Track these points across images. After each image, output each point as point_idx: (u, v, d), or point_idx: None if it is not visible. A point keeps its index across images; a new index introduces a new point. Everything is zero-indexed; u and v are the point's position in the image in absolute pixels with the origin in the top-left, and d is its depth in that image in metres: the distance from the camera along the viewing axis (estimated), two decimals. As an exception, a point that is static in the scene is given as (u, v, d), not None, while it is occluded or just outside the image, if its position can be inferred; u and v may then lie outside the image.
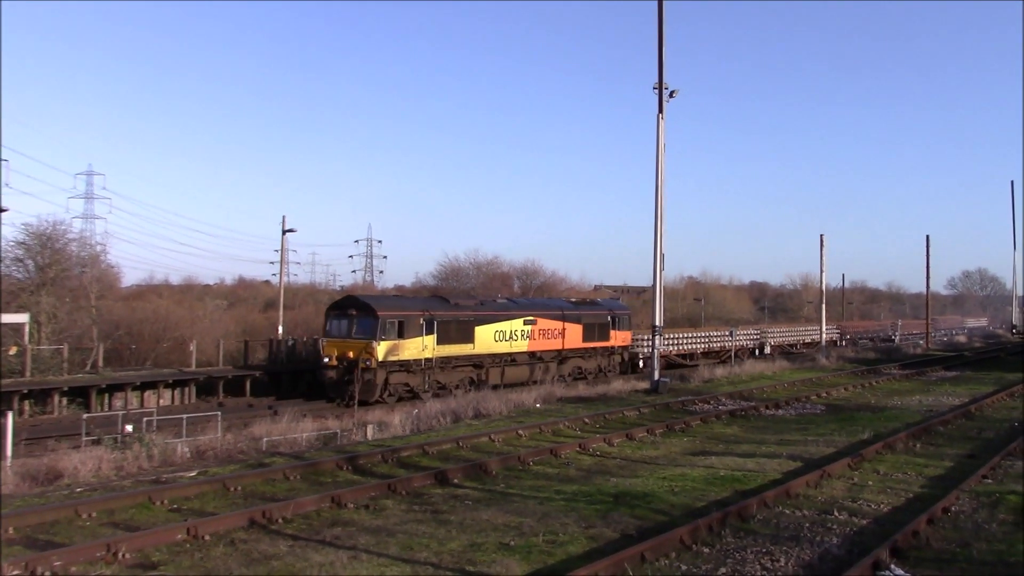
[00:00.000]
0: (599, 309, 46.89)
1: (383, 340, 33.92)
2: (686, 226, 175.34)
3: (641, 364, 47.14)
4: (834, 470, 15.85)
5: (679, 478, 15.58)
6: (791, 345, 65.28)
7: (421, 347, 34.71)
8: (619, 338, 46.91)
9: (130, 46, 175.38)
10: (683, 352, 53.44)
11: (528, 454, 17.53)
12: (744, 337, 60.00)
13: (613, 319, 46.42)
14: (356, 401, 30.75)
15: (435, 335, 35.35)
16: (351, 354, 34.04)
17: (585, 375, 43.08)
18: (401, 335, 34.45)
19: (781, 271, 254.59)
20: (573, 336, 42.96)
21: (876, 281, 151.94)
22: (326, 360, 34.89)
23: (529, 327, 40.13)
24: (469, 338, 37.06)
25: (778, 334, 65.46)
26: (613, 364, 46.24)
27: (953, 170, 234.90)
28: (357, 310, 35.24)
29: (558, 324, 42.27)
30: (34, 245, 44.22)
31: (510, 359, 39.45)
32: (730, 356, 51.10)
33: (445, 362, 35.91)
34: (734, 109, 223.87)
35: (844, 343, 71.24)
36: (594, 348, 44.69)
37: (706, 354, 54.54)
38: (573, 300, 49.93)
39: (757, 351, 59.56)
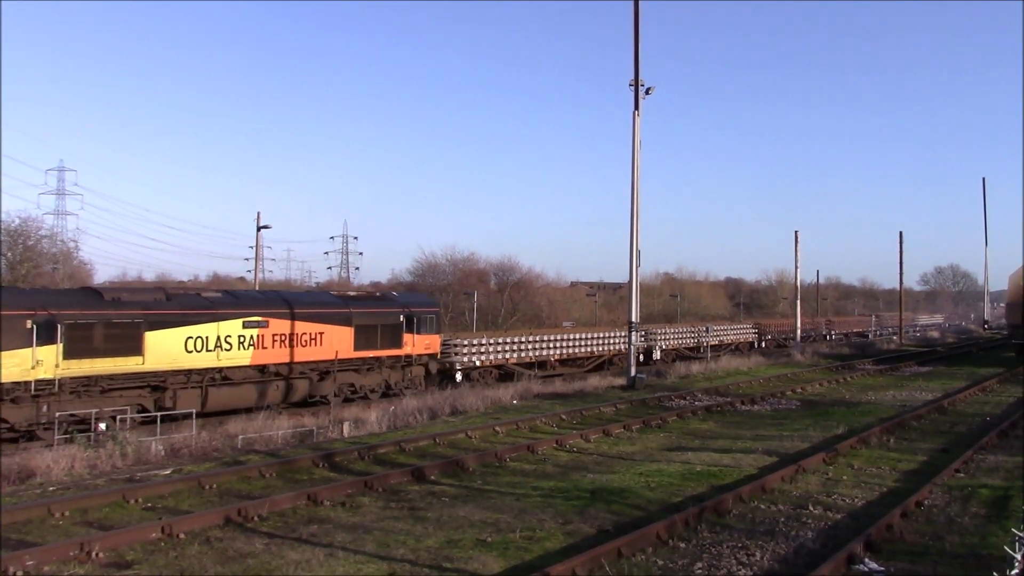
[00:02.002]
0: (387, 306, 34.82)
1: None
2: (662, 222, 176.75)
3: (459, 377, 37.16)
4: (809, 465, 15.97)
5: (656, 473, 15.64)
6: (692, 349, 55.64)
7: (30, 363, 23.03)
8: (419, 344, 34.94)
9: (102, 42, 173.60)
10: (563, 357, 45.34)
11: (505, 450, 17.53)
12: (622, 339, 48.16)
13: (409, 319, 34.45)
14: None
15: (60, 344, 23.68)
16: None
17: (364, 394, 32.39)
18: None
19: (757, 267, 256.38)
20: (340, 342, 31.46)
21: (850, 277, 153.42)
22: None
23: (254, 331, 28.71)
24: (135, 348, 25.32)
25: (673, 335, 55.53)
26: (411, 378, 34.60)
27: (925, 167, 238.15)
28: None
29: (311, 327, 30.77)
30: (5, 241, 43.69)
31: (219, 377, 27.74)
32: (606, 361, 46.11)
33: (85, 384, 24.29)
34: (710, 107, 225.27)
35: (764, 344, 64.19)
36: (376, 358, 33.09)
37: (574, 360, 46.15)
38: (352, 293, 39.01)
39: (642, 356, 48.00)
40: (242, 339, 28.45)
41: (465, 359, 38.60)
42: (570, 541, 11.13)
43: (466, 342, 39.37)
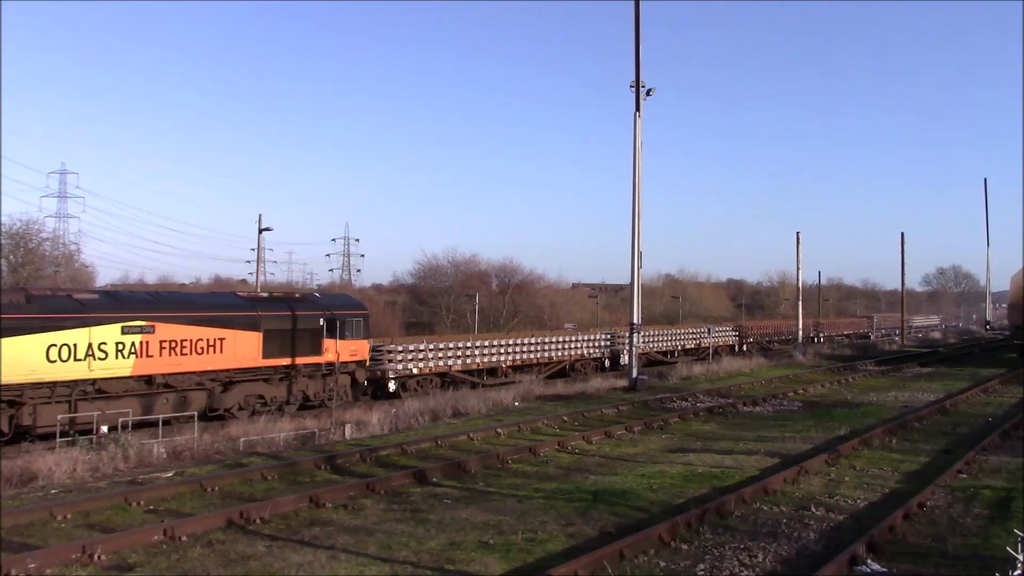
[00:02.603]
0: (304, 308, 31.15)
1: None
2: (664, 224, 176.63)
3: (392, 387, 34.44)
4: (811, 466, 15.96)
5: (658, 475, 15.63)
6: (665, 353, 52.32)
7: None
8: (343, 351, 31.14)
9: (104, 43, 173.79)
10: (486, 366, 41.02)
11: (507, 452, 17.52)
12: (584, 343, 46.97)
13: (331, 323, 30.95)
14: None
15: None
16: None
17: (278, 407, 28.92)
18: None
19: (759, 268, 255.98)
20: (245, 349, 28.21)
21: (852, 278, 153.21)
22: None
23: (137, 337, 25.38)
24: None
25: (644, 339, 49.08)
26: (334, 388, 30.74)
27: (927, 168, 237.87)
28: None
29: (209, 332, 27.32)
30: (7, 244, 43.73)
31: (92, 389, 24.58)
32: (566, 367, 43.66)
33: None
34: (711, 108, 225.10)
35: (746, 347, 60.50)
36: (291, 367, 29.75)
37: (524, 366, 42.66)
38: (264, 295, 33.89)
39: (608, 363, 47.10)
40: (121, 347, 25.11)
41: (399, 367, 35.25)
42: (572, 543, 11.13)
43: (400, 348, 36.21)
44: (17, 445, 22.09)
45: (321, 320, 30.81)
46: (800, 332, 58.55)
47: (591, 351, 46.72)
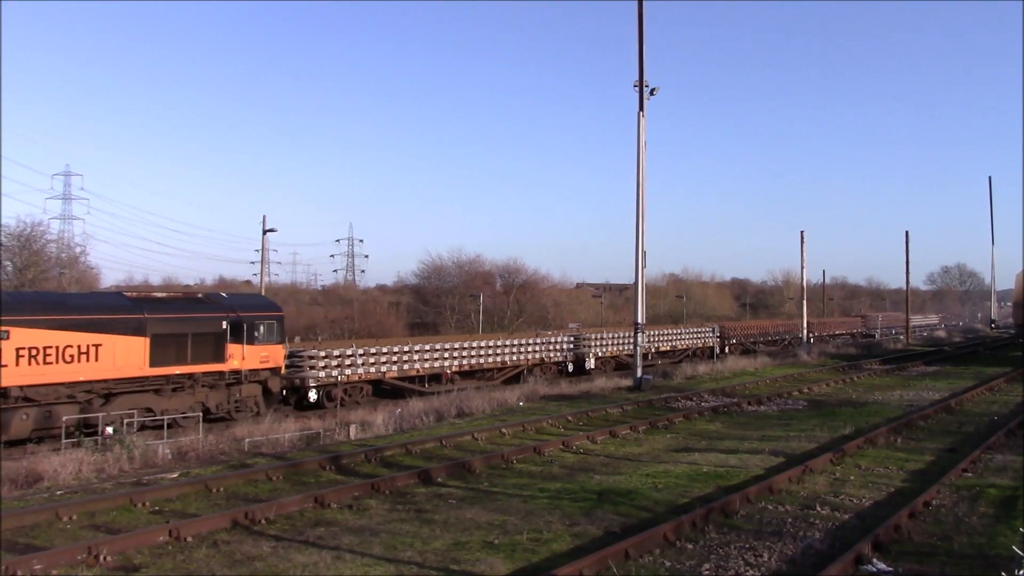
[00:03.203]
0: (202, 310, 27.76)
1: None
2: (668, 223, 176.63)
3: (314, 396, 31.67)
4: (816, 465, 15.93)
5: (662, 475, 15.62)
6: (629, 356, 46.54)
7: None
8: (252, 357, 28.18)
9: (107, 45, 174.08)
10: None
11: (512, 452, 17.52)
12: (543, 346, 43.87)
13: (236, 327, 27.69)
14: None
15: None
16: None
17: (173, 421, 24.98)
18: None
19: (763, 268, 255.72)
20: (127, 356, 24.89)
21: (856, 277, 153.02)
22: None
23: None
24: None
25: (611, 341, 48.50)
26: (241, 399, 28.00)
27: (932, 167, 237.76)
28: None
29: (82, 337, 23.97)
30: (12, 247, 43.82)
31: None
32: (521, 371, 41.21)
33: None
34: (715, 107, 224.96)
35: (728, 349, 56.43)
36: (186, 376, 26.39)
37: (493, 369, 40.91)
38: (158, 295, 29.85)
39: (571, 366, 44.41)
40: None
41: (322, 374, 32.29)
42: (577, 543, 11.12)
43: (323, 353, 33.24)
44: (23, 447, 22.14)
45: (224, 323, 27.53)
46: (805, 331, 58.45)
47: (552, 354, 44.02)
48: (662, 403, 26.89)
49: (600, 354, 46.51)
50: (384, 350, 35.71)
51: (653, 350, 50.81)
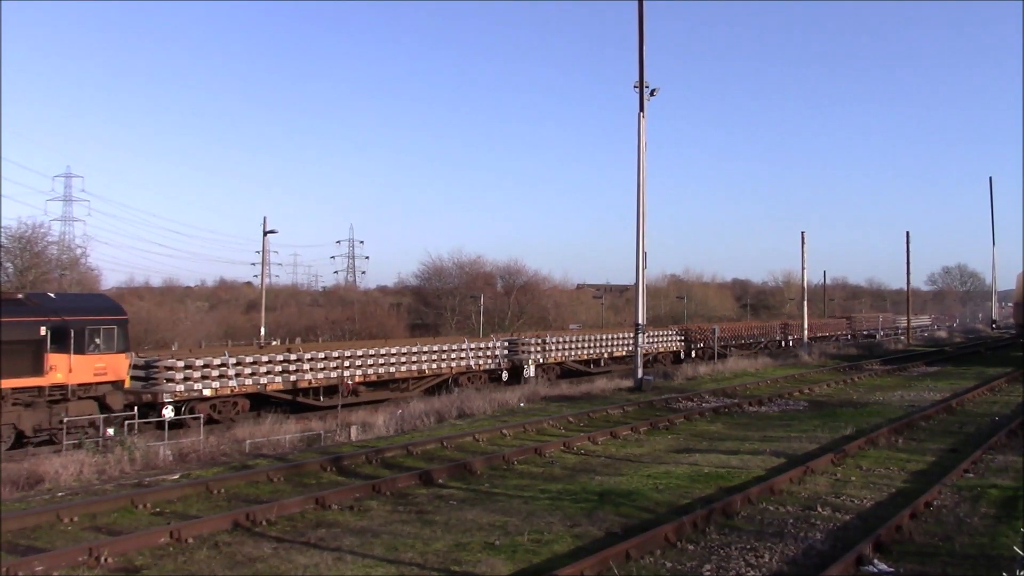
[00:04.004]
0: (16, 313, 22.64)
1: None
2: (669, 224, 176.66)
3: (169, 413, 26.92)
4: (817, 466, 15.92)
5: (664, 476, 15.61)
6: (586, 363, 46.31)
7: None
8: (83, 369, 23.63)
9: (108, 46, 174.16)
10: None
11: (513, 453, 17.52)
12: (472, 352, 40.09)
13: (61, 333, 23.15)
14: None
15: None
16: None
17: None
18: None
19: (764, 268, 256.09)
20: None
21: (857, 277, 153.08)
22: None
23: None
24: None
25: (557, 347, 44.69)
26: (69, 419, 22.90)
27: (932, 167, 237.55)
28: None
29: None
30: (13, 249, 43.84)
31: None
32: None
33: None
34: (716, 107, 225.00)
35: (695, 354, 53.68)
36: None
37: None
38: None
39: (506, 375, 41.07)
40: None
41: (180, 387, 28.00)
42: (578, 544, 11.12)
43: (182, 363, 28.63)
44: (24, 448, 22.14)
45: (42, 329, 22.79)
46: (805, 332, 58.40)
47: (482, 362, 40.33)
48: (663, 404, 26.89)
49: (542, 361, 43.09)
50: (265, 359, 31.46)
51: (607, 355, 48.11)
